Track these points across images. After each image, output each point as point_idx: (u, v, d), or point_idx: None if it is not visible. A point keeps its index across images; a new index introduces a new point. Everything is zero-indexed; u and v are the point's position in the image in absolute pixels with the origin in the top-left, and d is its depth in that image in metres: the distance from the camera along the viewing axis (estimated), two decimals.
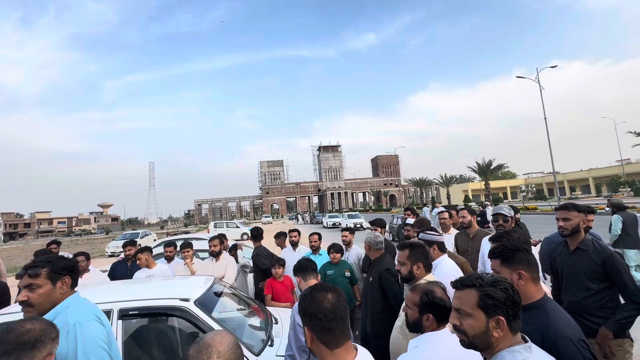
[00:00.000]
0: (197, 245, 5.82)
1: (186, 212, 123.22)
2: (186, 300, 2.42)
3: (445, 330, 1.47)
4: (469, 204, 46.55)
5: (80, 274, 3.76)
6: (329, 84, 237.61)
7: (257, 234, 4.95)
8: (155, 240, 18.84)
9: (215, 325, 2.33)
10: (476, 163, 43.78)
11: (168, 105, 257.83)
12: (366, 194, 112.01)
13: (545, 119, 25.72)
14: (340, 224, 26.94)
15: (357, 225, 23.71)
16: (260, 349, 2.47)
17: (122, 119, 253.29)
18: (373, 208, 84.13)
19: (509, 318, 1.07)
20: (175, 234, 21.11)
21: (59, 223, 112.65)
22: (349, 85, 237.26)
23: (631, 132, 36.40)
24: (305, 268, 2.41)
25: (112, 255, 18.81)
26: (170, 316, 2.49)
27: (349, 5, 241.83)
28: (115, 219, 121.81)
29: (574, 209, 2.21)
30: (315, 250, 4.42)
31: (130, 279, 4.05)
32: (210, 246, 4.37)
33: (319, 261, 3.97)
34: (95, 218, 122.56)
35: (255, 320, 2.99)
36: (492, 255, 1.57)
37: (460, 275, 1.76)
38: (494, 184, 63.64)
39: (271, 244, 5.26)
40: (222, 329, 2.20)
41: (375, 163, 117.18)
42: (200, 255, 5.51)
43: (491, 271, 1.54)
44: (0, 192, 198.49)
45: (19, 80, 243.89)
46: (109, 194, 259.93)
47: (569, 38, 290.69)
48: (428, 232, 2.61)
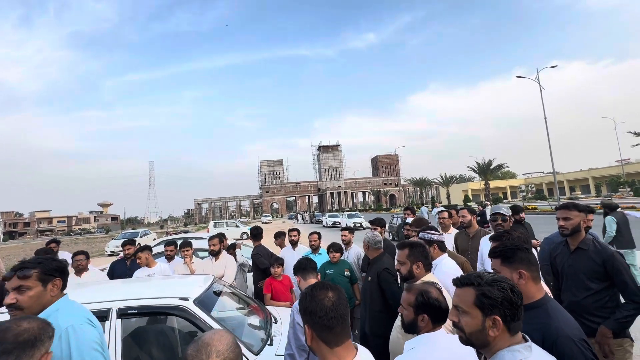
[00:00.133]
0: (197, 244, 5.81)
1: (186, 212, 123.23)
2: (185, 299, 2.41)
3: (441, 331, 1.45)
4: (469, 203, 46.55)
5: (80, 272, 3.78)
6: (329, 84, 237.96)
7: (257, 233, 4.94)
8: (154, 239, 18.81)
9: (214, 325, 2.32)
10: (476, 163, 43.88)
11: (168, 104, 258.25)
12: (366, 193, 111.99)
13: (546, 118, 25.74)
14: (340, 224, 26.94)
15: (357, 225, 23.71)
16: (259, 348, 2.47)
17: (122, 118, 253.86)
18: (373, 208, 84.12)
19: (505, 318, 1.06)
20: (175, 233, 21.09)
21: (58, 222, 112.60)
22: (349, 84, 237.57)
23: (631, 132, 36.45)
24: (305, 267, 2.41)
25: (112, 255, 18.80)
26: (170, 315, 2.48)
27: (349, 4, 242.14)
28: (114, 218, 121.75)
29: (575, 208, 2.20)
30: (315, 249, 4.41)
31: (129, 278, 4.05)
32: (209, 245, 4.36)
33: (319, 260, 3.96)
34: (94, 217, 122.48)
35: (255, 320, 2.99)
36: (493, 254, 1.56)
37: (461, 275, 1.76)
38: (493, 183, 63.68)
39: (271, 243, 5.26)
40: (221, 328, 2.19)
41: (375, 163, 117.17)
42: (200, 254, 5.51)
43: (491, 271, 1.53)
44: (0, 191, 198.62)
45: (18, 79, 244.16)
46: (109, 193, 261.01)
47: (569, 38, 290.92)
48: (428, 232, 2.61)
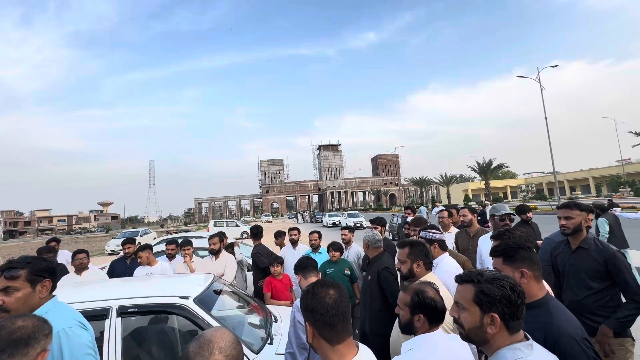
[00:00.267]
0: (197, 243, 5.80)
1: (186, 211, 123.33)
2: (185, 298, 2.40)
3: (439, 332, 1.44)
4: (469, 203, 46.57)
5: (80, 271, 3.78)
6: (329, 83, 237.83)
7: (257, 232, 4.94)
8: (155, 238, 18.80)
9: (214, 323, 2.31)
10: (476, 162, 43.91)
11: (168, 103, 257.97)
12: (366, 193, 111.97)
13: (546, 118, 25.69)
14: (340, 223, 26.94)
15: (357, 224, 23.73)
16: (259, 347, 2.46)
17: (123, 117, 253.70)
18: (373, 207, 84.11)
19: (504, 316, 1.05)
20: (175, 233, 21.10)
21: (59, 221, 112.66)
22: (349, 84, 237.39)
23: (631, 132, 36.47)
24: (305, 266, 2.40)
25: (112, 254, 18.80)
26: (170, 314, 2.48)
27: (349, 4, 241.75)
28: (115, 217, 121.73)
29: (576, 207, 2.20)
30: (315, 248, 4.41)
31: (129, 276, 4.05)
32: (209, 244, 4.36)
33: (319, 259, 3.96)
34: (95, 216, 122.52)
35: (255, 319, 2.98)
36: (494, 253, 1.55)
37: None
38: (494, 183, 63.64)
39: (271, 242, 5.25)
40: (221, 326, 2.19)
41: (376, 162, 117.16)
42: (200, 253, 5.51)
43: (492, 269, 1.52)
44: (0, 190, 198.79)
45: (18, 78, 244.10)
46: (109, 192, 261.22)
47: (569, 38, 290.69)
48: (429, 230, 2.60)
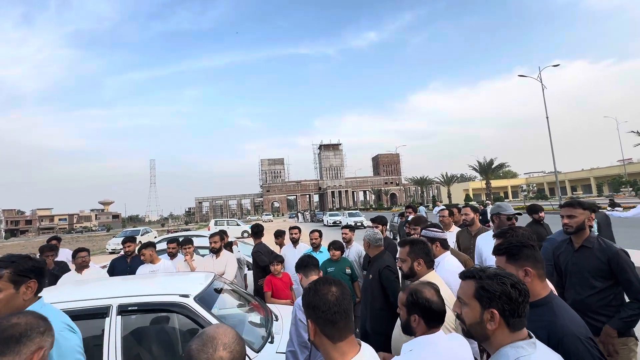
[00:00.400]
0: (197, 242, 5.80)
1: (187, 210, 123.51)
2: (186, 296, 2.40)
3: (440, 334, 1.41)
4: (470, 203, 46.52)
5: (81, 269, 3.78)
6: (330, 83, 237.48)
7: (258, 231, 4.93)
8: (155, 237, 18.87)
9: (215, 322, 2.31)
10: (477, 162, 43.81)
11: (169, 103, 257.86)
12: (367, 192, 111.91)
13: (547, 118, 25.63)
14: (340, 222, 26.94)
15: (358, 224, 23.73)
16: (260, 346, 2.46)
17: (123, 116, 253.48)
18: (374, 207, 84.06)
19: (503, 313, 1.05)
20: (176, 232, 21.15)
21: (60, 220, 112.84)
22: (349, 83, 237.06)
23: (633, 132, 36.35)
24: (307, 264, 2.40)
25: (113, 252, 18.85)
26: (170, 312, 2.47)
27: (349, 3, 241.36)
28: (116, 217, 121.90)
29: (579, 206, 2.18)
30: (315, 247, 4.40)
31: (129, 275, 4.05)
32: (210, 243, 4.36)
33: (320, 258, 3.93)
34: (96, 215, 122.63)
35: (256, 317, 2.98)
36: (497, 251, 1.53)
37: None
38: (495, 183, 63.59)
39: (271, 241, 5.25)
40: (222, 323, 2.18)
41: (376, 162, 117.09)
42: (201, 252, 5.50)
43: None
44: (2, 189, 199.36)
45: (19, 78, 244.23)
46: (110, 192, 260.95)
47: (571, 37, 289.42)
48: (431, 229, 2.59)
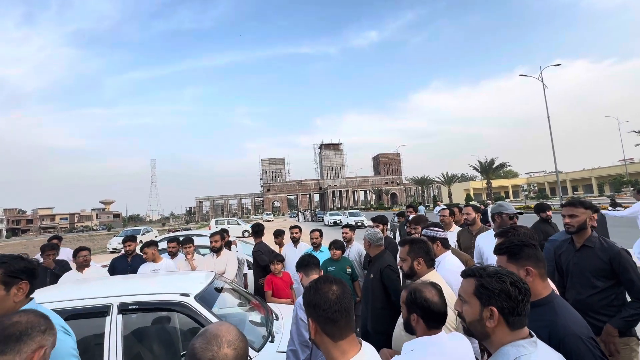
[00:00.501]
0: (198, 241, 5.80)
1: (187, 209, 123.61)
2: (186, 295, 2.40)
3: (442, 335, 1.40)
4: (471, 202, 46.42)
5: (81, 268, 3.78)
6: (331, 82, 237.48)
7: (258, 230, 4.93)
8: (156, 236, 18.93)
9: (215, 321, 2.31)
10: (478, 162, 43.71)
11: (169, 102, 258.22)
12: (367, 192, 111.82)
13: (549, 117, 25.58)
14: (341, 222, 26.94)
15: (358, 223, 23.73)
16: (261, 345, 2.46)
17: (124, 115, 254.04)
18: (374, 206, 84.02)
19: (503, 310, 1.06)
20: (177, 231, 21.17)
21: (61, 219, 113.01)
22: (350, 83, 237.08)
23: (634, 132, 36.29)
24: (307, 264, 2.39)
25: (114, 252, 18.91)
26: (171, 311, 2.47)
27: (350, 2, 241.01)
28: (117, 216, 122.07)
29: (581, 205, 2.17)
30: (316, 247, 4.40)
31: (130, 274, 4.05)
32: (211, 242, 4.36)
33: (320, 258, 3.92)
34: (97, 215, 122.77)
35: (256, 316, 2.98)
36: (498, 251, 1.53)
37: None
38: (495, 182, 63.47)
39: (272, 240, 5.24)
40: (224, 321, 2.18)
41: (377, 161, 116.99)
42: (201, 251, 5.50)
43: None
44: (3, 188, 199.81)
45: (21, 77, 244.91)
46: (111, 191, 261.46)
47: (572, 37, 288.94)
48: (431, 228, 2.58)
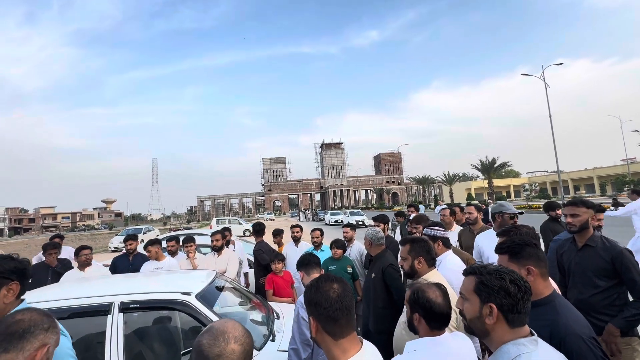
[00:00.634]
0: (199, 240, 5.82)
1: (189, 209, 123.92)
2: (187, 294, 2.41)
3: (445, 336, 1.39)
4: (473, 202, 46.33)
5: (83, 267, 3.79)
6: (332, 81, 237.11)
7: (259, 229, 4.93)
8: (157, 235, 19.00)
9: (216, 319, 2.31)
10: (480, 161, 43.61)
11: (171, 101, 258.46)
12: (368, 191, 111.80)
13: (550, 117, 25.51)
14: (342, 221, 26.95)
15: (359, 222, 23.73)
16: (261, 344, 2.46)
17: (126, 115, 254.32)
18: (375, 206, 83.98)
19: (502, 307, 1.06)
20: (178, 230, 21.22)
21: (63, 218, 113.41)
22: (351, 82, 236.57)
23: (637, 131, 36.16)
24: (308, 263, 2.39)
25: (116, 251, 18.97)
26: (172, 310, 2.48)
27: (351, 2, 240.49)
28: (118, 215, 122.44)
29: (583, 204, 2.17)
30: (317, 246, 4.40)
31: (131, 273, 4.06)
32: (212, 241, 4.36)
33: (321, 257, 3.92)
34: (98, 214, 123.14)
35: (257, 315, 2.98)
36: (499, 250, 1.53)
37: None
38: (497, 182, 63.32)
39: (271, 240, 5.24)
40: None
41: (378, 161, 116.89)
42: (203, 250, 5.51)
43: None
44: (5, 188, 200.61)
45: (22, 76, 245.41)
46: (113, 190, 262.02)
47: (574, 36, 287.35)
48: (433, 228, 2.57)
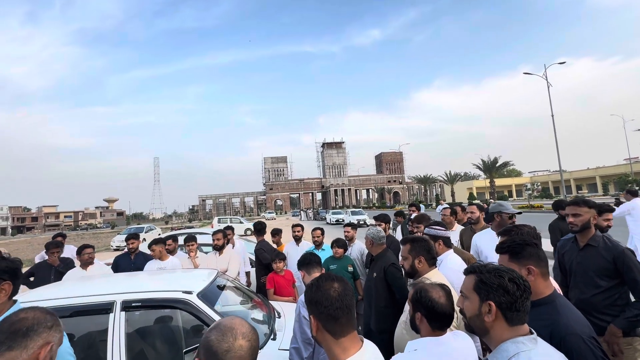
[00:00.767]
0: (200, 239, 5.83)
1: (190, 208, 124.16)
2: (189, 292, 2.42)
3: (447, 337, 1.38)
4: (475, 201, 46.19)
5: (86, 266, 3.81)
6: (333, 80, 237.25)
7: (260, 228, 4.94)
8: (159, 234, 19.08)
9: (218, 319, 2.31)
10: (481, 160, 43.42)
11: (173, 100, 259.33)
12: (370, 190, 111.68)
13: (553, 116, 25.35)
14: (343, 220, 26.96)
15: (360, 222, 23.74)
16: (263, 343, 2.47)
17: (127, 114, 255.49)
18: (377, 205, 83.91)
19: (500, 305, 1.07)
20: (180, 229, 21.28)
21: (65, 217, 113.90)
22: (353, 81, 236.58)
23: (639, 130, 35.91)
24: (309, 262, 2.40)
25: (117, 249, 19.05)
26: (173, 308, 2.49)
27: (353, 0, 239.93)
28: (120, 214, 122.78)
29: (584, 204, 2.16)
30: (318, 245, 4.40)
31: (133, 271, 4.08)
32: (213, 240, 4.37)
33: (322, 256, 3.93)
34: (100, 213, 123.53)
35: (258, 314, 2.99)
36: (500, 250, 1.53)
37: None
38: (499, 181, 63.09)
39: (270, 240, 5.24)
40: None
41: (379, 160, 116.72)
42: (204, 249, 5.53)
43: None
44: (8, 186, 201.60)
45: (25, 75, 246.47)
46: (115, 189, 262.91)
47: (576, 35, 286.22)
48: (434, 227, 2.57)
